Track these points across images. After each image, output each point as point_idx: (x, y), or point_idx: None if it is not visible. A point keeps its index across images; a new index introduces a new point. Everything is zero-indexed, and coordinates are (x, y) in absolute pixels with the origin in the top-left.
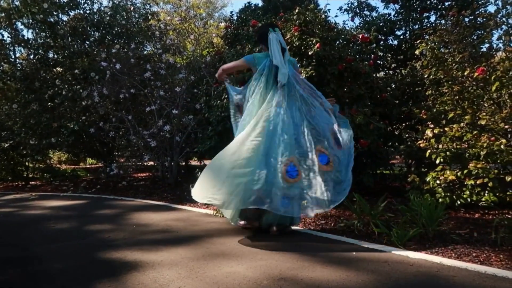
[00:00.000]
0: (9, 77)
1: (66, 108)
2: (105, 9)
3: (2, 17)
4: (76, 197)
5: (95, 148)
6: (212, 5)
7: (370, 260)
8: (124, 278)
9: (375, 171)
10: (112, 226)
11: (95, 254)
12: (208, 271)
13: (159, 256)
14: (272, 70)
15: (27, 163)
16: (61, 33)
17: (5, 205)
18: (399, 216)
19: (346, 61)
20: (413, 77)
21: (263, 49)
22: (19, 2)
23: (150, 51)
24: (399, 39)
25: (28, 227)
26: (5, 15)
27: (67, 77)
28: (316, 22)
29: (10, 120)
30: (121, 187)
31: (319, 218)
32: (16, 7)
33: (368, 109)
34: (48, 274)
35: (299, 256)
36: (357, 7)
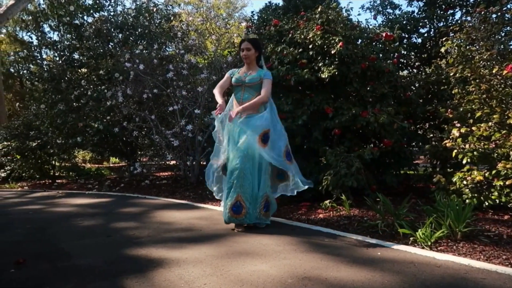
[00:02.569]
0: (37, 78)
1: (91, 108)
2: (128, 11)
3: (29, 20)
4: (101, 195)
5: (119, 147)
6: (232, 5)
7: (396, 260)
8: (151, 274)
9: (399, 171)
10: (136, 223)
11: (121, 250)
12: (233, 269)
13: (184, 253)
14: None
15: (54, 162)
16: (86, 35)
17: (33, 202)
18: (424, 217)
19: (369, 59)
20: (438, 75)
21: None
22: (45, 6)
23: (172, 52)
24: (423, 37)
25: (56, 224)
26: (32, 18)
27: (92, 78)
28: (338, 20)
29: (38, 120)
30: (144, 185)
31: (342, 218)
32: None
33: (391, 108)
34: (77, 270)
35: (323, 256)
36: (380, 5)
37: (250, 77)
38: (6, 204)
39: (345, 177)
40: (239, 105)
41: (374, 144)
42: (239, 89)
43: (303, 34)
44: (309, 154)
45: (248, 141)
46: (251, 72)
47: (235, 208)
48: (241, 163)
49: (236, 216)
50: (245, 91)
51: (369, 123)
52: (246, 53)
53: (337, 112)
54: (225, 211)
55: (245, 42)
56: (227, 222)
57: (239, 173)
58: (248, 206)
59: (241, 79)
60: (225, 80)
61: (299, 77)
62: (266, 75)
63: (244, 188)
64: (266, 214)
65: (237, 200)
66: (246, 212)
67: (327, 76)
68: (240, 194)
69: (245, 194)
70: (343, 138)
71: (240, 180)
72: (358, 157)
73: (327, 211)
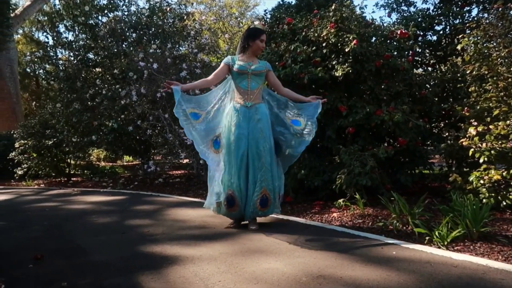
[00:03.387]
0: (53, 78)
1: (105, 107)
2: (142, 10)
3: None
4: (115, 193)
5: (133, 146)
6: (244, 4)
7: (411, 260)
8: (165, 271)
9: (413, 170)
10: (151, 221)
11: (136, 247)
12: (247, 266)
13: (198, 251)
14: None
15: (69, 160)
16: (101, 35)
17: (50, 200)
18: (439, 216)
19: (384, 57)
20: (454, 73)
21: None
22: (61, 6)
23: (185, 51)
24: (438, 35)
25: (72, 221)
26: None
27: (106, 77)
28: (352, 18)
29: (54, 118)
30: (158, 184)
31: (356, 217)
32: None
33: (406, 107)
34: (93, 266)
35: (338, 255)
36: (394, 2)
37: (255, 66)
38: (24, 201)
39: (359, 176)
40: (247, 94)
41: (388, 143)
42: (244, 78)
43: (317, 32)
44: (322, 152)
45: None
46: (254, 61)
47: (262, 201)
48: (263, 156)
49: (263, 209)
50: (251, 80)
51: (384, 121)
52: (264, 45)
53: (351, 110)
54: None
55: (264, 34)
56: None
57: (263, 166)
58: (273, 197)
59: (246, 67)
60: (222, 69)
61: (313, 75)
62: (270, 67)
63: (267, 181)
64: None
65: (263, 194)
66: (271, 204)
67: (341, 75)
68: (265, 188)
69: (269, 186)
70: (357, 137)
71: (264, 174)
72: (372, 155)
73: (341, 210)
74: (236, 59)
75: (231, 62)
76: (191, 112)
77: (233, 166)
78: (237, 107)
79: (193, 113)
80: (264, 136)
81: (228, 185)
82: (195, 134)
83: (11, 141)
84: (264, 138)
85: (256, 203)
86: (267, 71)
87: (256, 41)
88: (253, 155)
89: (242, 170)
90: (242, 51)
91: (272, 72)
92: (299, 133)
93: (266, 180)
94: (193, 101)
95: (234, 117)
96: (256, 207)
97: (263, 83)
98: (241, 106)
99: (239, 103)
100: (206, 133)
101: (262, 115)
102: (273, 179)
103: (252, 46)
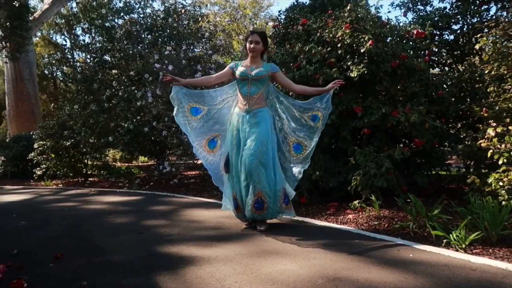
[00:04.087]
0: (71, 79)
1: (122, 109)
2: (157, 13)
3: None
4: (131, 193)
5: (148, 147)
6: (258, 5)
7: (428, 263)
8: (182, 271)
9: (430, 171)
10: (166, 221)
11: (153, 247)
12: (263, 268)
13: (214, 251)
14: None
15: (86, 161)
16: (117, 37)
17: (68, 200)
18: (457, 219)
19: (400, 58)
20: (471, 73)
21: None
22: (78, 9)
23: (199, 52)
24: (455, 34)
25: (90, 221)
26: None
27: (122, 79)
28: (368, 18)
29: (72, 120)
30: (173, 184)
31: (371, 219)
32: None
33: (423, 107)
34: (112, 265)
35: (354, 257)
36: (410, 1)
37: (256, 70)
38: (43, 201)
39: (375, 177)
40: (246, 100)
41: (404, 144)
42: (245, 83)
43: (332, 33)
44: (337, 154)
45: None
46: (257, 66)
47: (257, 204)
48: (257, 159)
49: (259, 212)
50: (252, 85)
51: (400, 122)
52: (254, 46)
53: (366, 111)
54: (248, 208)
55: (254, 34)
56: (251, 219)
57: (256, 169)
58: (269, 200)
59: (246, 73)
60: (225, 72)
61: (328, 76)
62: (276, 68)
63: (262, 184)
64: (287, 207)
65: (258, 197)
66: (267, 207)
67: (356, 75)
68: (259, 190)
69: (264, 189)
70: (372, 138)
71: (257, 177)
72: (388, 157)
73: (356, 212)
74: (240, 65)
75: (234, 68)
76: (192, 107)
77: (233, 170)
78: (237, 112)
79: (193, 108)
80: (262, 140)
81: (232, 188)
82: (190, 131)
83: (30, 142)
84: (261, 141)
85: (251, 206)
86: (272, 74)
87: (246, 43)
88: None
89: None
90: (246, 55)
91: (279, 73)
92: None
93: (261, 182)
94: (195, 95)
95: (235, 122)
96: (251, 209)
97: (266, 87)
98: (241, 111)
99: (240, 108)
100: (202, 131)
101: (261, 119)
102: (269, 183)
103: (246, 49)
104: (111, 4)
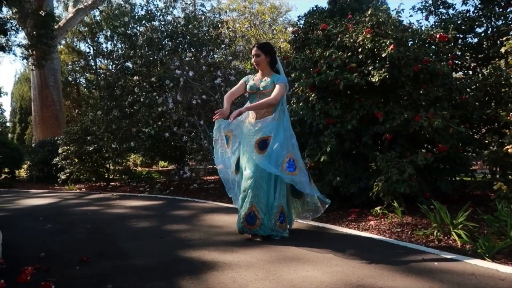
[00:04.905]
0: (94, 86)
1: (143, 114)
2: (178, 20)
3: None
4: (152, 197)
5: (169, 152)
6: (276, 10)
7: (454, 271)
8: (205, 276)
9: (454, 177)
10: (188, 226)
11: (175, 252)
12: (284, 274)
13: (235, 257)
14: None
15: (108, 165)
16: (139, 44)
17: (91, 204)
18: (483, 226)
19: (423, 62)
20: (497, 77)
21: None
22: (100, 17)
23: (219, 58)
24: (479, 37)
25: (113, 225)
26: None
27: (144, 85)
28: (389, 23)
29: (95, 125)
30: (193, 189)
31: (394, 226)
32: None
33: (446, 112)
34: (136, 269)
35: (376, 264)
36: (432, 5)
37: (264, 83)
38: (67, 205)
39: (397, 183)
40: (255, 112)
41: (427, 150)
42: (255, 96)
43: (352, 38)
44: (358, 159)
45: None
46: (266, 78)
47: (249, 218)
48: (255, 171)
49: (250, 227)
50: (260, 98)
51: (422, 127)
52: (255, 59)
53: (387, 116)
54: (239, 220)
55: (254, 48)
56: (241, 232)
57: (254, 182)
58: (263, 217)
59: (255, 86)
60: (238, 86)
61: (348, 81)
62: (280, 80)
63: (259, 198)
64: (282, 226)
65: (251, 211)
66: (260, 223)
67: (378, 80)
68: (254, 204)
69: (260, 204)
70: (394, 143)
71: (255, 190)
72: (411, 162)
73: (378, 218)
74: (251, 78)
75: (246, 82)
76: (225, 135)
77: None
78: (247, 125)
79: (226, 136)
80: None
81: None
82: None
83: (55, 147)
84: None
85: (243, 219)
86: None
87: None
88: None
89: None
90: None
91: (278, 84)
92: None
93: (257, 196)
94: (232, 125)
95: (245, 131)
96: (242, 222)
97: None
98: (249, 124)
99: (250, 122)
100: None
101: (265, 129)
102: (268, 197)
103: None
104: (133, 12)
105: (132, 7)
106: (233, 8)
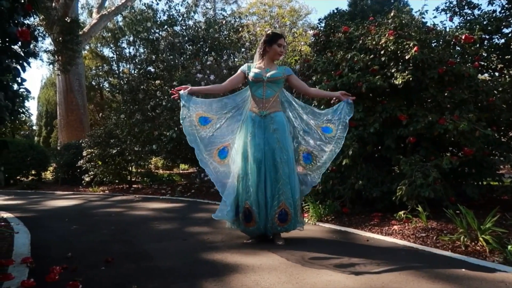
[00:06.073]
0: (118, 90)
1: (165, 118)
2: (199, 24)
3: (108, 37)
4: (174, 200)
5: (190, 155)
6: (296, 13)
7: (483, 278)
8: (228, 278)
9: (480, 182)
10: (209, 228)
11: (198, 254)
12: (308, 277)
13: (258, 260)
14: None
15: (131, 168)
16: (161, 49)
17: (114, 205)
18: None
19: (447, 64)
20: None
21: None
22: (123, 23)
23: (240, 62)
24: (506, 38)
25: (136, 226)
26: (111, 35)
27: (166, 89)
28: (412, 24)
29: (118, 128)
30: (213, 192)
31: (418, 231)
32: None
33: (473, 115)
34: (159, 270)
35: (401, 269)
36: (456, 5)
37: (271, 72)
38: (92, 207)
39: (421, 187)
40: (262, 103)
41: (452, 153)
42: (259, 86)
43: (375, 40)
44: (381, 162)
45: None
46: (272, 68)
47: (281, 216)
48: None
49: (282, 224)
50: (267, 88)
51: (447, 130)
52: (283, 49)
53: (411, 119)
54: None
55: (282, 38)
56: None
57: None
58: (292, 212)
59: (261, 75)
60: (237, 75)
61: (371, 84)
62: (290, 71)
63: (286, 194)
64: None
65: (282, 208)
66: (291, 218)
67: (401, 82)
68: (283, 201)
69: (288, 200)
70: (418, 147)
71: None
72: (435, 166)
73: (401, 223)
74: (253, 67)
75: (246, 70)
76: (200, 116)
77: (250, 178)
78: (253, 116)
79: (202, 118)
80: (281, 147)
81: (245, 198)
82: (199, 142)
83: (79, 150)
84: (281, 148)
85: (275, 218)
86: (287, 77)
87: (274, 46)
88: (269, 166)
89: (261, 183)
90: (261, 57)
91: (293, 76)
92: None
93: (285, 193)
94: (204, 104)
95: (250, 126)
96: (275, 222)
97: (280, 90)
98: (255, 115)
99: (254, 112)
100: (212, 141)
101: (279, 125)
102: (292, 193)
103: (269, 52)
104: (156, 17)
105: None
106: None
